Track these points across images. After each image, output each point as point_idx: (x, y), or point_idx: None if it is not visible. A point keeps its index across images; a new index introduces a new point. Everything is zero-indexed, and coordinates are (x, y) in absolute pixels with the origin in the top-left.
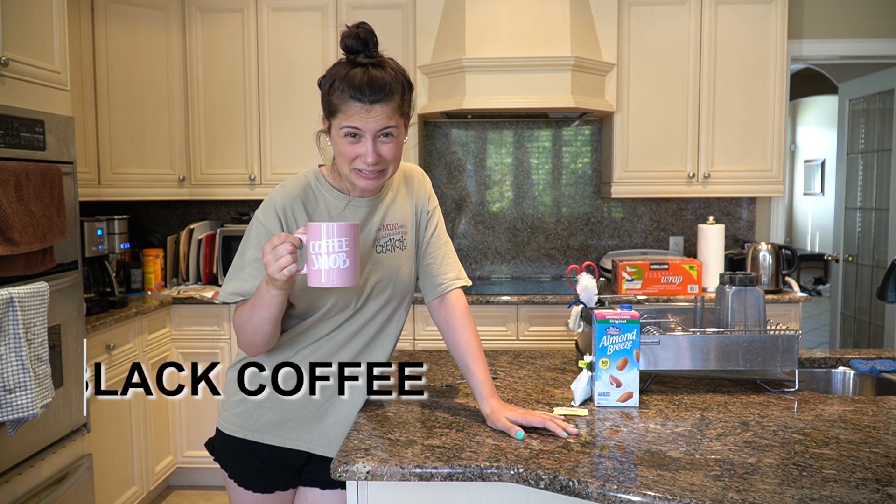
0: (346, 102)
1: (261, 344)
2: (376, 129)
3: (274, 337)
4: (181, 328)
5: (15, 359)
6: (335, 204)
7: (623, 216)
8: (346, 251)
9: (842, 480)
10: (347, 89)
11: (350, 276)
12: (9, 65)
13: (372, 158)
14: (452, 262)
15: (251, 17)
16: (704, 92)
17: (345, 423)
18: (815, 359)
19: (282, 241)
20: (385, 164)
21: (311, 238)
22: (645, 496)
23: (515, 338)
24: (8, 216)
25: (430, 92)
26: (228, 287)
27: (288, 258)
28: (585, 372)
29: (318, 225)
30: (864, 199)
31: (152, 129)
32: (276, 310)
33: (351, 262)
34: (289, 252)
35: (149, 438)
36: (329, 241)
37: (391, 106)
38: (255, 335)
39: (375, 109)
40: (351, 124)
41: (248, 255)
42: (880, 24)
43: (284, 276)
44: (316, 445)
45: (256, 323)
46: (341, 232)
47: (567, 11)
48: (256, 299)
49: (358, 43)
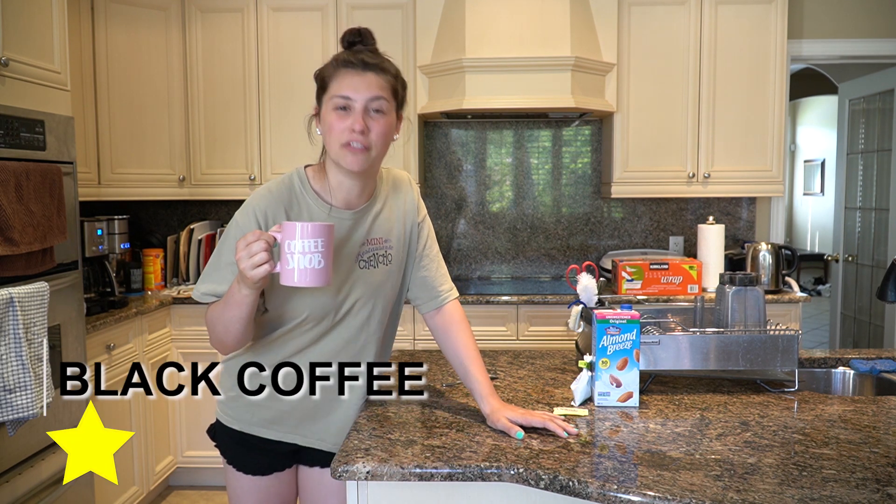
0: (337, 71)
1: (231, 343)
2: (368, 97)
3: (245, 337)
4: (181, 328)
5: (15, 359)
6: (318, 213)
7: (623, 216)
8: (321, 252)
9: (842, 480)
10: (341, 62)
11: (323, 277)
12: (9, 65)
13: (359, 126)
14: (444, 272)
15: (251, 17)
16: (704, 92)
17: (339, 423)
18: (815, 359)
19: (256, 238)
20: (370, 142)
21: (287, 237)
22: (645, 496)
23: (515, 338)
24: (8, 216)
25: (430, 92)
26: (202, 287)
27: (263, 255)
28: (585, 372)
29: (293, 224)
30: (863, 199)
31: (152, 129)
32: (248, 309)
33: (325, 263)
34: (263, 249)
35: (149, 438)
36: (304, 241)
37: (384, 78)
38: (226, 334)
39: (368, 76)
40: (341, 93)
41: (224, 258)
42: (880, 24)
43: (259, 275)
44: (310, 440)
45: (227, 322)
46: (316, 232)
47: (567, 11)
48: (228, 298)
49: (355, 36)
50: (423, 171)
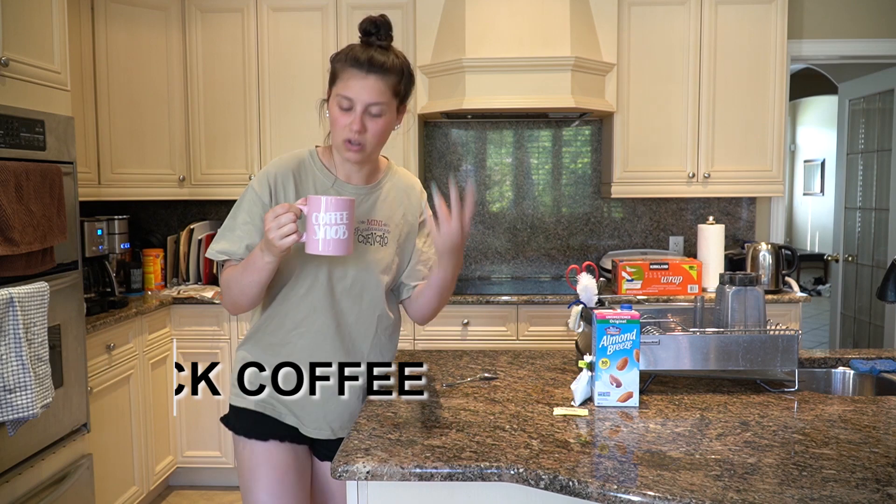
0: (345, 70)
1: (245, 304)
2: (368, 101)
3: (258, 299)
4: (181, 328)
5: (15, 359)
6: (323, 182)
7: (623, 216)
8: (345, 223)
9: (842, 480)
10: (351, 59)
11: (345, 246)
12: (9, 65)
13: (357, 126)
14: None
15: (251, 17)
16: (704, 92)
17: (333, 414)
18: (815, 359)
19: (285, 210)
20: (365, 140)
21: (313, 210)
22: (645, 496)
23: (515, 338)
24: (8, 216)
25: (430, 92)
26: (217, 246)
27: (291, 226)
28: (585, 372)
29: (319, 198)
30: (863, 199)
31: (152, 129)
32: (267, 275)
33: (348, 234)
34: (291, 221)
35: (149, 438)
36: (329, 214)
37: (386, 82)
38: (242, 296)
39: (370, 80)
40: (345, 93)
41: (240, 219)
42: (880, 24)
43: (287, 244)
44: (309, 428)
45: (245, 285)
46: (341, 206)
47: (567, 11)
48: (249, 263)
49: (372, 26)
50: (423, 171)
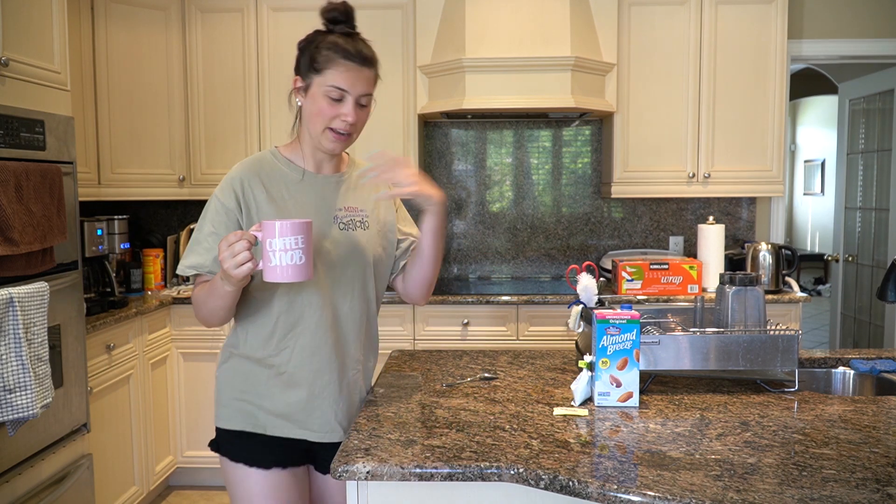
0: (337, 63)
1: (216, 322)
2: (361, 91)
3: (228, 317)
4: (181, 328)
5: (15, 359)
6: (291, 176)
7: (623, 216)
8: (301, 248)
9: (842, 480)
10: (341, 51)
11: (305, 272)
12: (9, 65)
13: (352, 118)
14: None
15: (251, 17)
16: (704, 92)
17: (342, 413)
18: (815, 359)
19: (237, 238)
20: (354, 130)
21: (267, 236)
22: (645, 496)
23: (515, 338)
24: (8, 216)
25: (430, 92)
26: (186, 262)
27: (245, 255)
28: (585, 372)
29: (272, 223)
30: (864, 199)
31: (152, 129)
32: (231, 300)
33: (306, 259)
34: (245, 249)
35: (149, 438)
36: (284, 239)
37: (373, 73)
38: (211, 316)
39: (365, 73)
40: (338, 84)
41: (205, 230)
42: (880, 24)
43: (242, 273)
44: (320, 433)
45: (212, 309)
46: (296, 230)
47: (567, 11)
48: (212, 289)
49: (341, 14)
50: (423, 171)
